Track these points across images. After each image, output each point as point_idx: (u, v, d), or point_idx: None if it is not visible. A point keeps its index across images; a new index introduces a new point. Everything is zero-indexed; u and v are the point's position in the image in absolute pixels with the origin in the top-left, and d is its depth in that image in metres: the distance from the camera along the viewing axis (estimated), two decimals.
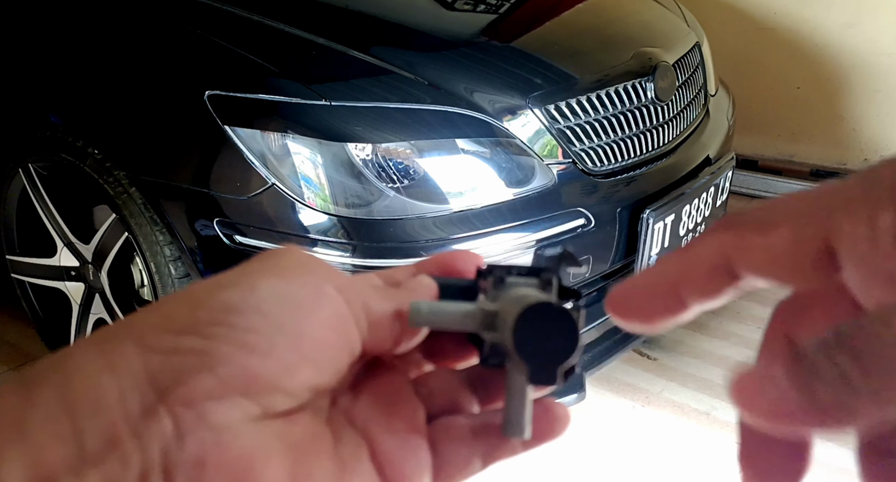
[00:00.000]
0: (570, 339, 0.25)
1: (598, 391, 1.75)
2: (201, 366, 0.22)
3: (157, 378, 0.22)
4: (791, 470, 0.24)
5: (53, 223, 1.66)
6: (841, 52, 2.64)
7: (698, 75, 1.79)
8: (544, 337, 0.25)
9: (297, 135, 1.27)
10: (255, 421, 0.23)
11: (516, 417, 0.27)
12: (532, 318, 0.25)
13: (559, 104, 1.43)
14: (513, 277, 0.28)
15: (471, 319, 0.27)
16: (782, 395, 0.20)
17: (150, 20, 1.47)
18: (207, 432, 0.22)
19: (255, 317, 0.24)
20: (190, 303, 0.24)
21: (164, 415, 0.21)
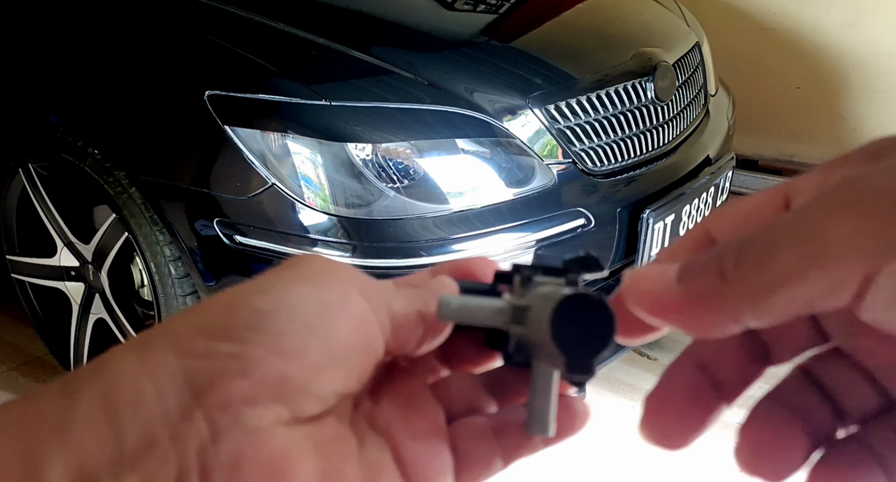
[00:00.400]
0: (608, 330, 0.25)
1: (598, 391, 1.75)
2: (236, 369, 0.23)
3: (193, 381, 0.23)
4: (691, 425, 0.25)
5: (53, 223, 1.66)
6: (841, 52, 2.64)
7: (698, 75, 1.79)
8: (582, 328, 0.25)
9: (297, 135, 1.27)
10: (286, 424, 0.23)
11: (541, 415, 0.27)
12: (570, 309, 0.25)
13: (559, 104, 1.43)
14: (540, 276, 0.29)
15: (500, 315, 0.27)
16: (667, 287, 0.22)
17: (150, 20, 1.47)
18: (242, 434, 0.22)
19: (286, 322, 0.24)
20: (224, 309, 0.25)
21: (201, 418, 0.22)
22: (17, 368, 1.89)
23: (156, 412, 0.22)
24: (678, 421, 0.25)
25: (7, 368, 1.88)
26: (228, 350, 0.23)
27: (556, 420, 0.27)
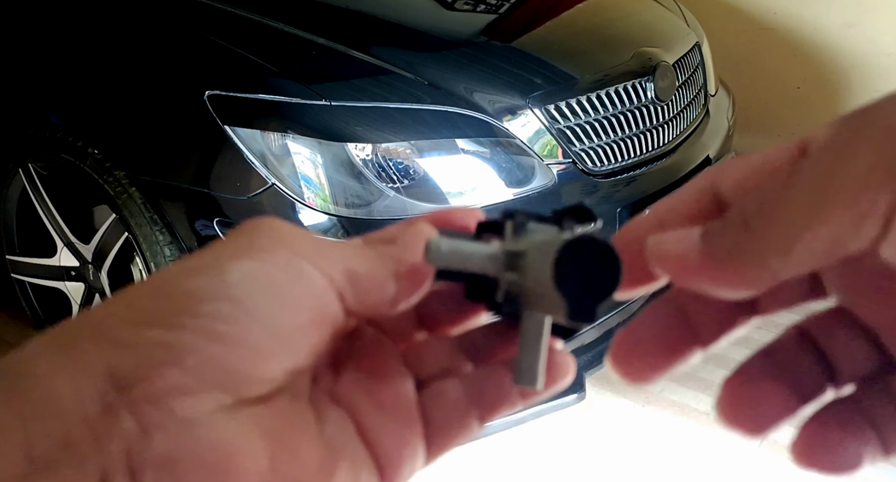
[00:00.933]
0: (613, 276, 0.23)
1: (598, 391, 1.75)
2: (167, 359, 0.21)
3: (117, 375, 0.21)
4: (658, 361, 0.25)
5: (53, 223, 1.66)
6: (841, 52, 2.64)
7: (698, 75, 1.79)
8: (585, 273, 0.23)
9: (297, 135, 1.27)
10: (227, 410, 0.22)
11: (530, 366, 0.26)
12: (574, 253, 0.23)
13: (559, 104, 1.43)
14: (533, 224, 0.27)
15: (493, 261, 0.26)
16: (692, 248, 0.21)
17: (150, 20, 1.47)
18: (176, 427, 0.21)
19: (224, 305, 0.22)
20: (154, 293, 0.23)
21: (126, 414, 0.20)
22: None
23: (72, 412, 0.20)
24: (645, 355, 0.25)
25: None
26: (157, 338, 0.21)
27: (545, 372, 0.26)
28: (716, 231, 0.21)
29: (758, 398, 0.24)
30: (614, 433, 1.64)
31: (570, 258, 0.24)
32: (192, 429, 0.21)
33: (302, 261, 0.24)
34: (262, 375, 0.22)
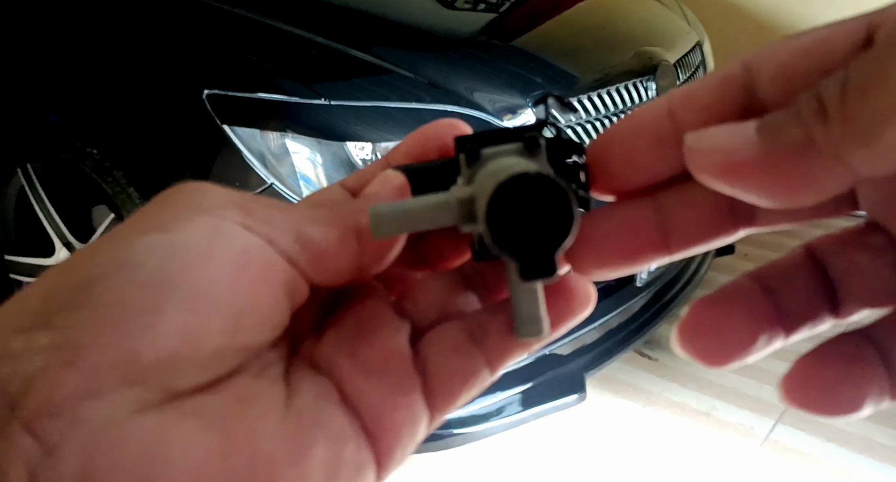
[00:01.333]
0: (563, 215, 0.20)
1: (598, 392, 1.75)
2: (58, 362, 0.18)
3: (6, 389, 0.18)
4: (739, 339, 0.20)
5: (52, 223, 1.66)
6: None
7: (699, 75, 1.79)
8: (528, 219, 0.20)
9: (297, 134, 1.27)
10: (154, 407, 0.19)
11: (528, 314, 0.23)
12: (507, 199, 0.20)
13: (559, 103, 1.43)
14: (490, 147, 0.23)
15: (446, 213, 0.22)
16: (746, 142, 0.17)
17: (149, 19, 1.47)
18: (86, 437, 0.18)
19: (126, 287, 0.19)
20: (42, 290, 0.20)
21: (22, 433, 0.17)
22: None
23: None
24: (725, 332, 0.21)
25: None
26: (47, 341, 0.18)
27: (547, 316, 0.23)
28: (780, 121, 0.17)
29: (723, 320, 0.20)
30: (614, 433, 1.64)
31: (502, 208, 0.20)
32: (108, 436, 0.18)
33: (229, 225, 0.21)
34: (193, 359, 0.19)
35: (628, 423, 1.66)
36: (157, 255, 0.20)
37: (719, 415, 1.68)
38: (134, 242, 0.20)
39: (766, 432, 1.62)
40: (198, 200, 0.22)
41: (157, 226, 0.20)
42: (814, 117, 0.16)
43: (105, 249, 0.20)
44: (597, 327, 1.52)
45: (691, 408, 1.70)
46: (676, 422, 1.66)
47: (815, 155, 0.16)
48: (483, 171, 0.22)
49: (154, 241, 0.20)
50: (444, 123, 0.25)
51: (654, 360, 1.87)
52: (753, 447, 1.58)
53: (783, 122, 0.17)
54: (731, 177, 0.18)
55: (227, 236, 0.21)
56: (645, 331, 1.70)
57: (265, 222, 0.22)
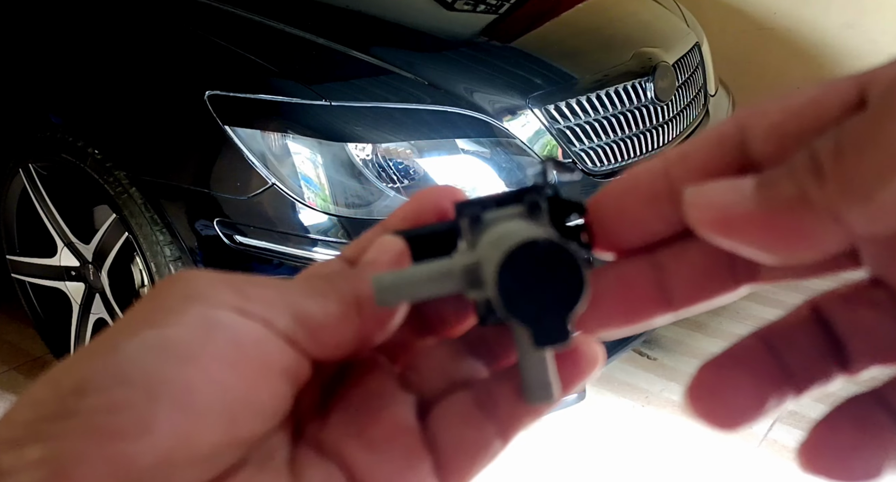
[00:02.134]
0: (573, 281, 0.20)
1: (598, 391, 1.75)
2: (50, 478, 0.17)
3: None
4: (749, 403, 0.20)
5: (54, 223, 1.67)
6: (841, 52, 2.64)
7: (698, 75, 1.79)
8: (539, 286, 0.19)
9: (298, 135, 1.27)
10: None
11: (538, 379, 0.22)
12: (517, 267, 0.19)
13: (559, 104, 1.43)
14: (491, 211, 0.23)
15: (450, 280, 0.21)
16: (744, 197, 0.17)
17: (151, 20, 1.47)
18: None
19: (117, 390, 0.18)
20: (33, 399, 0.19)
21: None
22: (17, 368, 1.89)
23: None
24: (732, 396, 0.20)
25: (7, 368, 1.88)
26: (37, 455, 0.18)
27: (557, 380, 0.22)
28: (777, 178, 0.17)
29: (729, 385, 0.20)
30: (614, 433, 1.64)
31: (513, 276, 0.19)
32: None
33: (220, 311, 0.20)
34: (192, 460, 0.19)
35: (627, 423, 1.67)
36: (149, 353, 0.19)
37: None
38: (124, 342, 0.19)
39: (765, 431, 1.62)
40: (190, 289, 0.21)
41: (148, 321, 0.20)
42: (809, 175, 0.16)
43: (95, 352, 0.19)
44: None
45: None
46: (675, 421, 1.67)
47: (811, 212, 0.16)
48: (486, 237, 0.22)
49: (145, 339, 0.19)
50: (440, 189, 0.25)
51: (654, 360, 1.88)
52: (752, 446, 1.58)
53: (780, 178, 0.17)
54: (728, 231, 0.18)
55: (221, 326, 0.20)
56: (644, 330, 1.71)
57: (261, 302, 0.21)
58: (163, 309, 0.20)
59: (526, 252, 0.19)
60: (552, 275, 0.20)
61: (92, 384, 0.18)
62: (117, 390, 0.18)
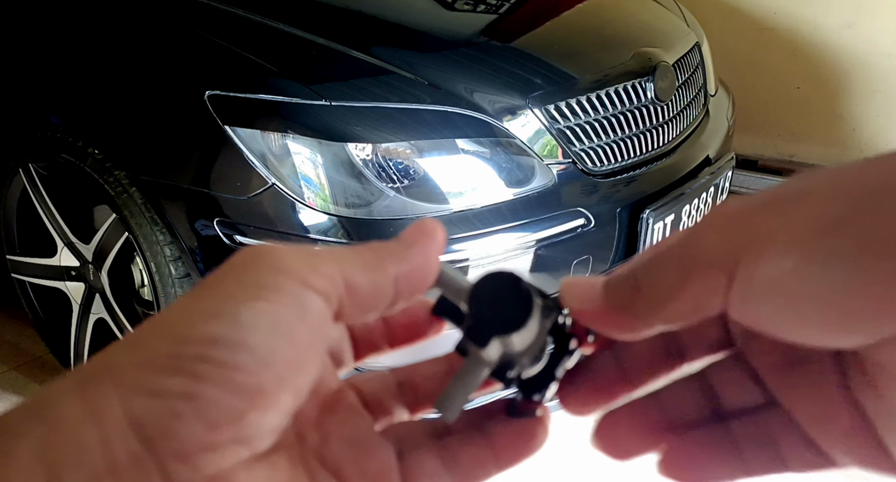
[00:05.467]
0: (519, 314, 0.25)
1: None
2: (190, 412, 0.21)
3: (142, 425, 0.20)
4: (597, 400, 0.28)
5: (54, 223, 1.67)
6: (841, 51, 2.64)
7: (698, 75, 1.79)
8: (497, 306, 0.25)
9: (298, 135, 1.27)
10: (246, 465, 0.22)
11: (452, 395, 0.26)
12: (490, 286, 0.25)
13: (559, 104, 1.43)
14: None
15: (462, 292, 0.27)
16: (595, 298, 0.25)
17: (150, 20, 1.47)
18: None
19: (241, 353, 0.22)
20: (171, 338, 0.22)
21: (154, 468, 0.20)
22: (17, 368, 1.89)
23: (101, 464, 0.20)
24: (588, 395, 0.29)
25: (7, 368, 1.88)
26: (179, 387, 0.21)
27: (461, 410, 0.27)
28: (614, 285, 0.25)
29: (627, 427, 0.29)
30: None
31: (485, 290, 0.25)
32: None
33: (307, 294, 0.24)
34: (271, 425, 0.22)
35: None
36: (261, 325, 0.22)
37: None
38: (242, 310, 0.22)
39: None
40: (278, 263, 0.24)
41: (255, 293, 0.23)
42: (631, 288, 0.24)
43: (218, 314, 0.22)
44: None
45: None
46: None
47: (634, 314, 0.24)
48: None
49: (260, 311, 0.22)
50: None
51: None
52: None
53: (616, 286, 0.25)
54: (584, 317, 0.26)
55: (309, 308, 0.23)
56: None
57: (327, 278, 0.24)
58: (263, 283, 0.23)
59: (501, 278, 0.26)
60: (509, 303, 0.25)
61: (222, 341, 0.22)
62: (241, 352, 0.21)
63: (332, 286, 0.24)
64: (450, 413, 0.26)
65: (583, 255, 1.44)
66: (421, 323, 0.30)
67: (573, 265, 1.43)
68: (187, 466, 0.20)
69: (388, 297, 0.26)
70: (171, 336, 0.22)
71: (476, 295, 0.26)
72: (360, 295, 0.25)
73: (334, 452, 0.27)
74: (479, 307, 0.25)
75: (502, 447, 0.29)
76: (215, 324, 0.22)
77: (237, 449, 0.21)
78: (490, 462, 0.28)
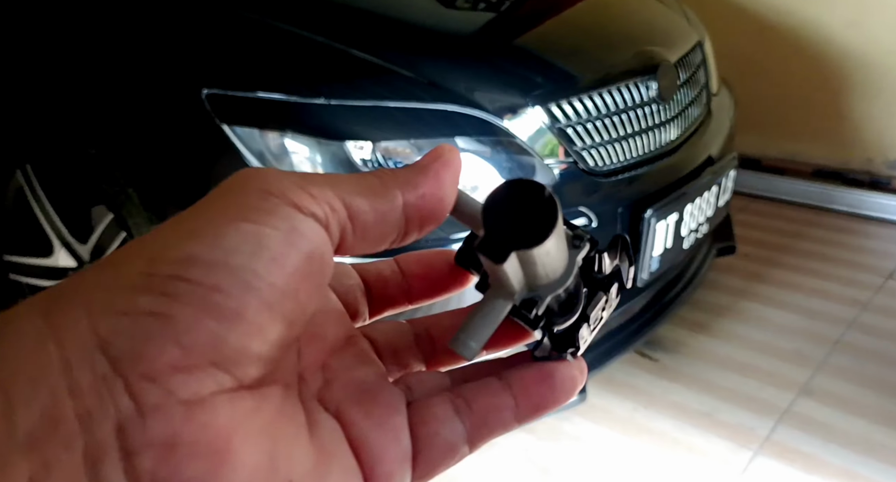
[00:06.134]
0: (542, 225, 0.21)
1: (599, 393, 1.74)
2: (163, 332, 0.19)
3: (110, 344, 0.19)
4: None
5: (50, 223, 1.66)
6: (844, 50, 2.62)
7: (700, 74, 1.78)
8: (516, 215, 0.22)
9: (296, 134, 1.26)
10: (228, 394, 0.20)
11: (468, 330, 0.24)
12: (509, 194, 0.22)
13: (560, 103, 1.42)
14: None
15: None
16: None
17: (148, 18, 1.46)
18: (176, 409, 0.19)
19: (221, 274, 0.20)
20: (146, 255, 0.21)
21: (122, 390, 0.19)
22: None
23: (61, 384, 0.18)
24: None
25: None
26: (150, 306, 0.19)
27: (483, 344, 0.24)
28: None
29: None
30: (615, 434, 1.63)
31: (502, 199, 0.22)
32: (193, 413, 0.19)
33: (300, 217, 0.22)
34: (259, 353, 0.21)
35: (628, 424, 1.66)
36: (245, 246, 0.21)
37: (721, 416, 1.67)
38: (225, 230, 0.21)
39: (767, 433, 1.61)
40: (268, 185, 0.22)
41: (242, 214, 0.21)
42: None
43: (199, 233, 0.21)
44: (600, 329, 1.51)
45: (692, 409, 1.69)
46: (677, 422, 1.65)
47: None
48: None
49: (244, 232, 0.21)
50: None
51: (655, 361, 1.87)
52: (754, 448, 1.57)
53: None
54: None
55: (301, 233, 0.22)
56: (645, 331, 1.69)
57: (324, 202, 0.23)
58: (251, 204, 0.22)
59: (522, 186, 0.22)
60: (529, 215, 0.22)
61: (200, 260, 0.20)
62: (221, 273, 0.20)
63: (331, 212, 0.23)
64: (467, 350, 0.24)
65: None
66: (443, 275, 0.28)
67: None
68: (160, 388, 0.19)
69: (395, 227, 0.24)
70: (146, 256, 0.21)
71: (492, 204, 0.22)
72: (363, 223, 0.23)
73: (337, 395, 0.25)
74: (495, 217, 0.22)
75: (523, 392, 0.26)
76: (194, 244, 0.20)
77: (217, 374, 0.20)
78: (508, 410, 0.26)
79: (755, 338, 1.95)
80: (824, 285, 2.19)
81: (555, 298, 0.25)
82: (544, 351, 0.26)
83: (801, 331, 1.97)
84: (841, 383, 1.77)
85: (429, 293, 0.29)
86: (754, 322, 2.02)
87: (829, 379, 1.79)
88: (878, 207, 2.66)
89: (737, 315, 2.05)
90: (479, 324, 0.24)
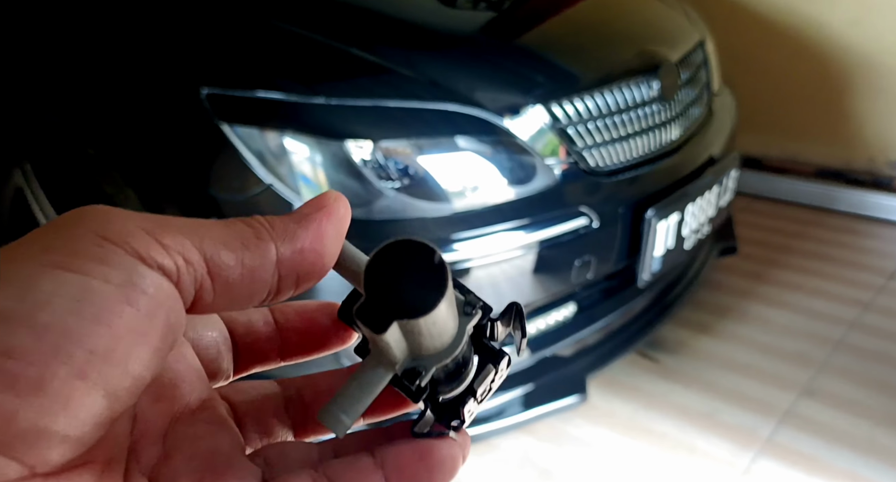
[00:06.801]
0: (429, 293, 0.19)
1: (600, 393, 1.73)
2: None
3: None
4: None
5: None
6: (846, 50, 2.62)
7: (702, 73, 1.78)
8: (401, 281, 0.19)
9: (296, 133, 1.25)
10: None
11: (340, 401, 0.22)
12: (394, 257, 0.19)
13: (561, 102, 1.41)
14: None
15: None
16: None
17: (147, 18, 1.46)
18: None
19: (23, 334, 0.16)
20: None
21: None
22: None
23: None
24: None
25: None
26: None
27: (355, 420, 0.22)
28: None
29: None
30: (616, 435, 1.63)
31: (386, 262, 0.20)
32: None
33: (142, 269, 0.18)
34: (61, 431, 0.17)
35: (629, 425, 1.65)
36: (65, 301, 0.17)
37: (722, 417, 1.66)
38: (41, 279, 0.17)
39: (769, 434, 1.61)
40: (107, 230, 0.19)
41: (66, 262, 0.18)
42: None
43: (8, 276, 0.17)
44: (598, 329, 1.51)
45: (693, 410, 1.69)
46: (678, 423, 1.65)
47: None
48: None
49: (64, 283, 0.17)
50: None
51: (656, 362, 1.86)
52: (756, 449, 1.57)
53: None
54: None
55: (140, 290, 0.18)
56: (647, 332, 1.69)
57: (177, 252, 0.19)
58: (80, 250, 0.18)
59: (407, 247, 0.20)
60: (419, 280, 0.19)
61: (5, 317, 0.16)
62: (23, 334, 0.16)
63: (185, 265, 0.19)
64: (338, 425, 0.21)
65: (585, 256, 1.42)
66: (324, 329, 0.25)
67: (575, 265, 1.41)
68: None
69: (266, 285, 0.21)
70: None
71: (375, 265, 0.19)
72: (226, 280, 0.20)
73: (178, 469, 0.21)
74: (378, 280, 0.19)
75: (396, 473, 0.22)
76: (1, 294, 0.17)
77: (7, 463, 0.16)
78: None
79: (757, 339, 1.94)
80: (826, 285, 2.18)
81: (441, 368, 0.22)
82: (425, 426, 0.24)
83: (802, 332, 1.96)
84: (843, 384, 1.76)
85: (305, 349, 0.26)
86: (756, 322, 2.01)
87: (831, 379, 1.78)
88: (880, 207, 2.66)
89: (738, 315, 2.05)
90: (354, 396, 0.22)
